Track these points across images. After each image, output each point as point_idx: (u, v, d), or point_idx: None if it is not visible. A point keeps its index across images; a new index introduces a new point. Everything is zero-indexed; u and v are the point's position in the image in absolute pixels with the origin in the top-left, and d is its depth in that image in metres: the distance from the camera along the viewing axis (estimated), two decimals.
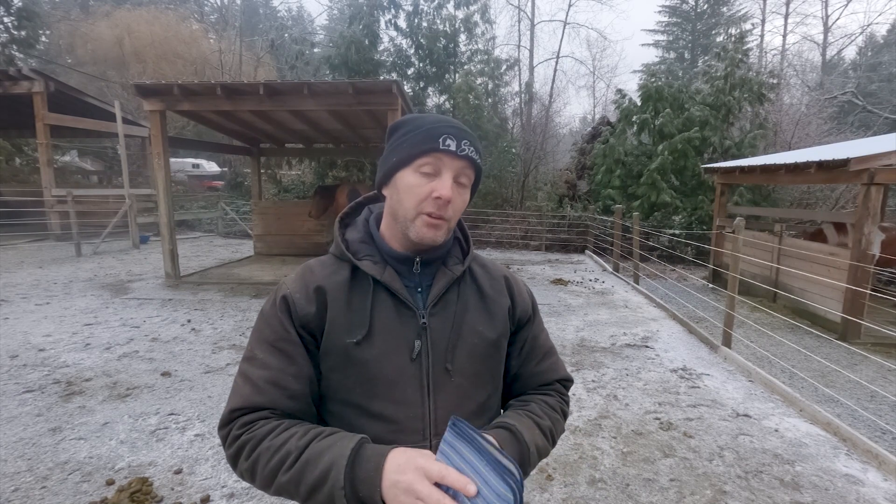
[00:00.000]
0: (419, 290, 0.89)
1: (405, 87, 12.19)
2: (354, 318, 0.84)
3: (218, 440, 2.95)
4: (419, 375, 0.84)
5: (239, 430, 0.79)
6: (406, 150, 0.83)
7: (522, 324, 0.99)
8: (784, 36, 27.82)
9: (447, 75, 14.49)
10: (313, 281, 0.86)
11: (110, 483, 2.50)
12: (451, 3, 14.06)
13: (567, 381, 1.04)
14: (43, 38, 21.72)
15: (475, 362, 0.89)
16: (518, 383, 1.01)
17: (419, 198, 0.82)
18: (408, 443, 0.79)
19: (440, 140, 0.81)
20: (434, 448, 0.76)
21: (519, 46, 22.97)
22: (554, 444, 0.93)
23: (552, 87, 20.35)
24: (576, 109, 49.02)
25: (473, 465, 0.65)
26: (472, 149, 0.84)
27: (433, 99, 15.18)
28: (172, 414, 3.28)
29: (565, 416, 0.99)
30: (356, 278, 0.87)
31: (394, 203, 0.86)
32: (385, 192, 0.90)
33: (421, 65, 14.31)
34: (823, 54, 26.39)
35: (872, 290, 5.37)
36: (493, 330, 0.92)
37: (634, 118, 12.37)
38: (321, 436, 0.75)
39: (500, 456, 0.64)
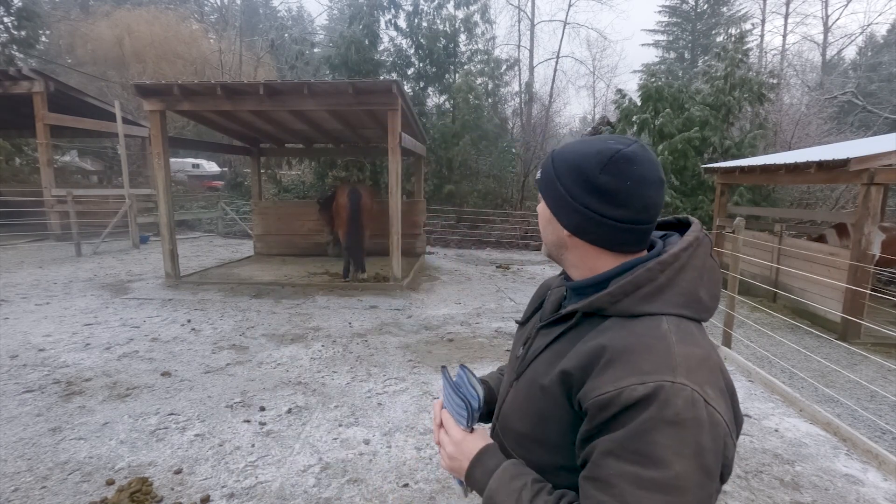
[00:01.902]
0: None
1: (405, 87, 12.20)
2: (528, 309, 1.04)
3: (217, 440, 2.95)
4: (514, 371, 0.94)
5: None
6: None
7: (584, 413, 0.72)
8: (784, 36, 27.84)
9: (447, 75, 14.49)
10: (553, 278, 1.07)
11: (110, 483, 2.51)
12: (451, 3, 14.06)
13: None
14: (43, 38, 21.71)
15: (525, 393, 0.87)
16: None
17: None
18: (496, 410, 0.97)
19: None
20: (495, 429, 0.96)
21: (519, 46, 22.99)
22: None
23: (552, 87, 20.36)
24: (576, 109, 48.94)
25: (447, 391, 0.94)
26: (535, 172, 0.95)
27: (433, 99, 15.19)
28: (172, 414, 3.28)
29: None
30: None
31: None
32: None
33: (421, 65, 14.31)
34: (823, 54, 26.39)
35: (872, 290, 5.37)
36: (545, 377, 0.81)
37: (634, 118, 12.36)
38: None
39: (459, 388, 0.93)
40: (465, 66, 14.71)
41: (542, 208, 0.89)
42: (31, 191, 12.42)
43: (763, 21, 28.09)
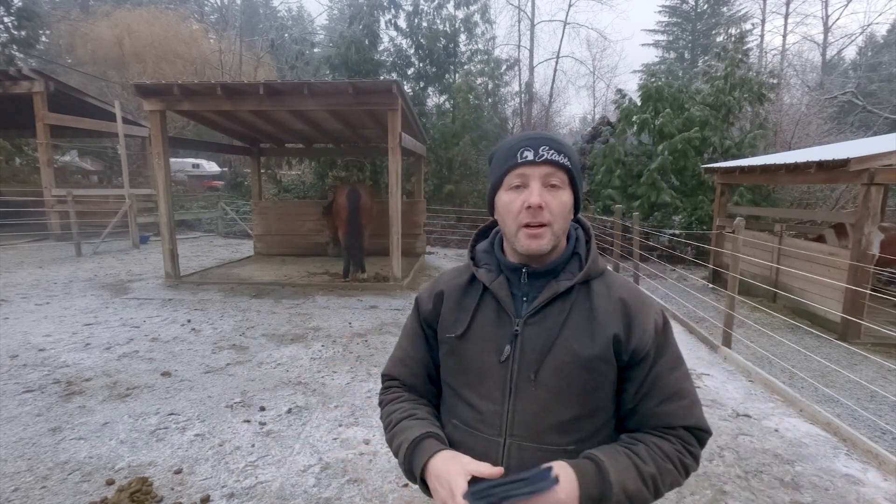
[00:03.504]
0: (525, 299, 0.94)
1: (405, 87, 12.19)
2: (459, 317, 0.97)
3: (217, 440, 2.96)
4: (504, 377, 0.91)
5: (382, 389, 1.10)
6: (495, 174, 0.94)
7: (639, 358, 0.90)
8: (784, 36, 27.85)
9: (447, 75, 14.48)
10: (438, 286, 1.05)
11: (110, 483, 2.50)
12: (451, 3, 14.05)
13: (699, 431, 0.92)
14: (43, 38, 21.71)
15: (562, 378, 0.89)
16: (633, 420, 0.94)
17: (515, 212, 0.90)
18: (486, 433, 0.92)
19: (518, 154, 0.90)
20: (506, 447, 0.91)
21: (519, 46, 23.01)
22: (657, 494, 0.86)
23: (552, 87, 20.39)
24: (576, 109, 49.06)
25: (513, 491, 0.77)
26: (552, 152, 0.89)
27: (433, 99, 15.18)
28: (172, 414, 3.28)
29: (685, 468, 0.89)
30: (473, 283, 1.00)
31: (500, 223, 0.97)
32: (495, 216, 0.99)
33: (421, 65, 14.31)
34: (823, 54, 26.39)
35: (872, 290, 5.36)
36: (590, 349, 0.89)
37: (634, 118, 12.35)
38: (410, 418, 0.97)
39: (520, 482, 0.77)
40: (465, 66, 14.69)
41: (567, 198, 0.91)
42: (31, 191, 12.42)
43: (763, 21, 28.11)
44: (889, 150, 4.79)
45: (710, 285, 7.86)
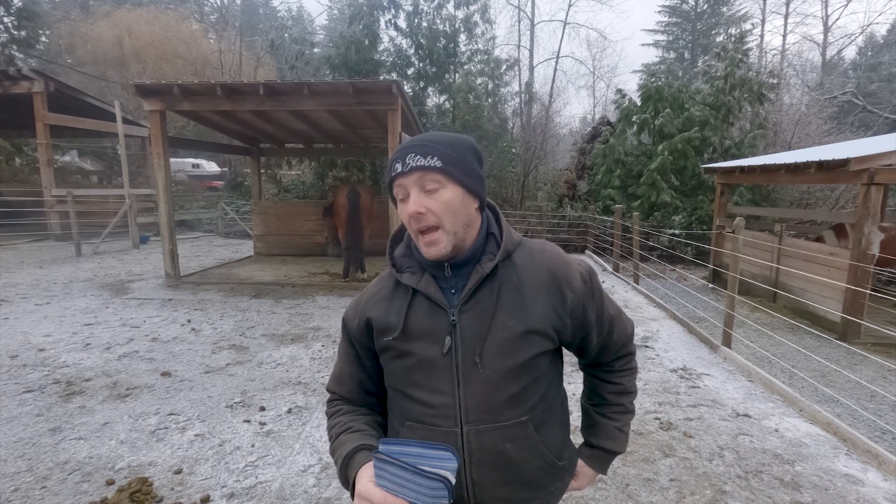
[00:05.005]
0: (453, 291, 0.97)
1: (405, 87, 12.18)
2: (392, 321, 0.98)
3: (217, 440, 2.96)
4: (450, 368, 0.93)
5: (327, 403, 1.14)
6: (389, 190, 0.98)
7: (580, 312, 0.99)
8: (784, 36, 27.85)
9: (447, 75, 14.48)
10: (363, 298, 1.07)
11: (110, 483, 2.50)
12: (451, 3, 14.05)
13: (632, 333, 1.13)
14: (43, 38, 21.68)
15: (505, 356, 0.93)
16: (606, 352, 1.09)
17: (406, 223, 0.94)
18: (443, 426, 0.93)
19: (392, 168, 0.93)
20: (464, 435, 0.93)
21: (519, 46, 23.00)
22: (628, 432, 1.14)
23: (552, 87, 20.36)
24: (576, 109, 49.04)
25: (402, 477, 0.77)
26: (417, 158, 0.89)
27: (433, 99, 15.17)
28: (172, 414, 3.28)
29: (634, 372, 1.13)
30: (399, 287, 1.01)
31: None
32: None
33: (421, 65, 14.30)
34: (823, 54, 26.39)
35: (872, 290, 5.36)
36: (525, 323, 0.93)
37: (634, 118, 12.36)
38: (347, 431, 1.00)
39: (421, 466, 0.77)
40: (465, 66, 14.69)
41: (450, 195, 0.91)
42: (31, 191, 12.42)
43: (763, 21, 28.11)
44: (889, 150, 4.79)
45: (710, 285, 7.86)
